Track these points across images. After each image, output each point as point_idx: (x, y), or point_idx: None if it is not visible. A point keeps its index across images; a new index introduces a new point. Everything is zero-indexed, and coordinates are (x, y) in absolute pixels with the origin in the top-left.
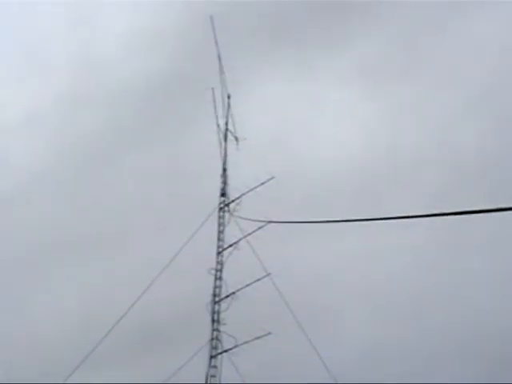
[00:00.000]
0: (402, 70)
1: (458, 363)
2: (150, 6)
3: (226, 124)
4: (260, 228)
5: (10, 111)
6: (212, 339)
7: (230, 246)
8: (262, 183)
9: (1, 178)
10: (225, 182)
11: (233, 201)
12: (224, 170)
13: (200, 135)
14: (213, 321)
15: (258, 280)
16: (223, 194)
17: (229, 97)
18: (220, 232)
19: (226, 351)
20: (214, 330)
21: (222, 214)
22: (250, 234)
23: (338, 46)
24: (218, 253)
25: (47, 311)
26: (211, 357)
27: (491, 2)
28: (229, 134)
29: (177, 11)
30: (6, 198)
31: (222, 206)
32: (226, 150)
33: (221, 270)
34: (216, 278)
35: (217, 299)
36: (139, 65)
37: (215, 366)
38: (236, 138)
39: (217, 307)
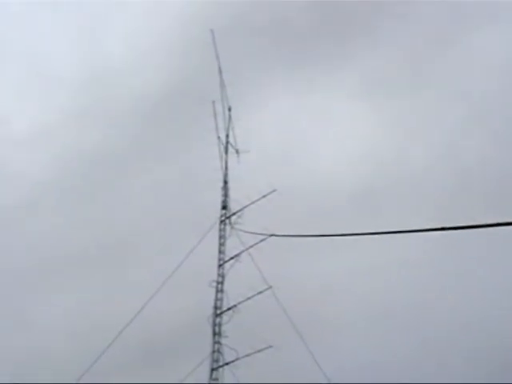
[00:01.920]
0: (404, 83)
1: (459, 375)
2: (153, 20)
3: (227, 137)
4: (262, 241)
5: (16, 124)
6: (213, 352)
7: (232, 258)
8: (264, 196)
9: (7, 190)
10: (226, 195)
11: (234, 213)
12: (225, 182)
13: (202, 148)
14: (214, 333)
15: (260, 293)
16: (224, 207)
17: (229, 109)
18: (221, 244)
19: (227, 364)
20: (215, 342)
21: (223, 226)
22: (251, 247)
23: (341, 59)
24: (219, 265)
25: (49, 323)
26: (212, 369)
27: (493, 16)
28: (230, 147)
29: (179, 25)
30: (11, 210)
31: (223, 218)
32: (226, 162)
33: (222, 283)
34: (217, 291)
35: (218, 312)
36: (143, 78)
37: (216, 379)
38: (237, 151)
39: (218, 320)
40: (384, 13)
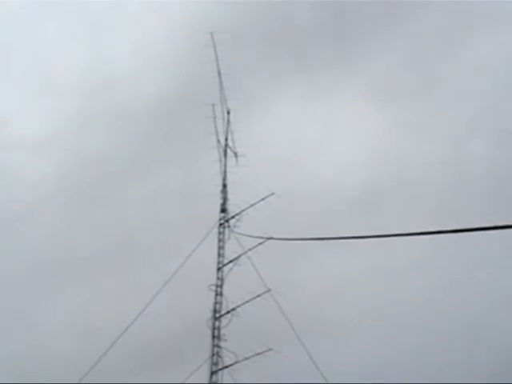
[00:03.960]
0: (410, 90)
1: (460, 375)
2: (156, 25)
3: (226, 140)
4: (260, 244)
5: (21, 129)
6: (212, 355)
7: (231, 261)
8: (263, 199)
9: (10, 194)
10: (225, 198)
11: (233, 217)
12: (224, 185)
13: (202, 152)
14: (213, 337)
15: (259, 296)
16: (223, 210)
17: (228, 112)
18: (220, 248)
19: (226, 367)
20: (214, 345)
21: (222, 229)
22: (250, 250)
23: (343, 63)
24: (218, 269)
25: (50, 325)
26: (212, 373)
27: (498, 20)
28: (229, 150)
29: (180, 29)
30: (15, 213)
31: (222, 221)
32: (225, 165)
33: (221, 286)
34: (216, 294)
35: (217, 315)
36: (146, 84)
37: (216, 382)
38: (235, 154)
39: (217, 323)
40: (388, 16)
